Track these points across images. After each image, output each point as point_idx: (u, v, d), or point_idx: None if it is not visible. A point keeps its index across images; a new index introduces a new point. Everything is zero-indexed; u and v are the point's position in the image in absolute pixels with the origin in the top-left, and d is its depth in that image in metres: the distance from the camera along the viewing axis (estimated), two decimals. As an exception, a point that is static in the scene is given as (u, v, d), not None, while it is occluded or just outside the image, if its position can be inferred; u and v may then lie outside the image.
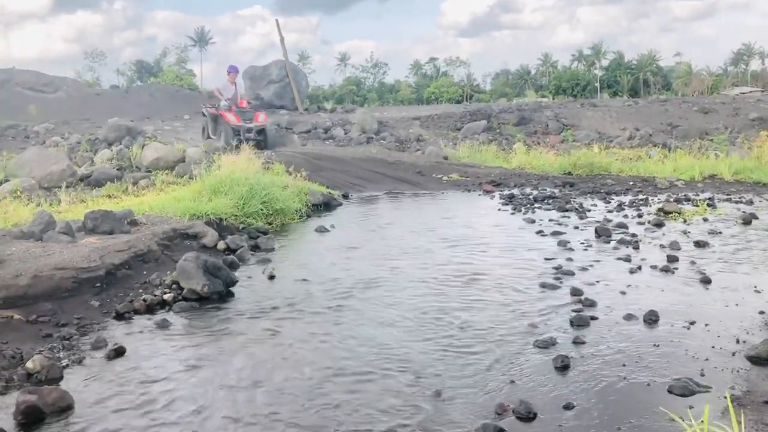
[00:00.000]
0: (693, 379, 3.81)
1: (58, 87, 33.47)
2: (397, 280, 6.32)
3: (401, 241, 8.12)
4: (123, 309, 5.48)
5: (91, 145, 15.58)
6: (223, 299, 5.87)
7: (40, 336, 4.90)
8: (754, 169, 12.88)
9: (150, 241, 6.95)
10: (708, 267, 6.35)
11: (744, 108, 26.95)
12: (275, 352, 4.53)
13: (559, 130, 22.03)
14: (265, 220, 8.92)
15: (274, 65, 33.42)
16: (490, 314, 5.19)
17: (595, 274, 6.27)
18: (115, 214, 7.37)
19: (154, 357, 4.57)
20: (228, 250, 7.49)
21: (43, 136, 18.58)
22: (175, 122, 23.00)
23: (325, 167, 13.54)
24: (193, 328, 5.21)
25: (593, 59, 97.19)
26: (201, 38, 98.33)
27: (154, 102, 32.09)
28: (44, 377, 4.20)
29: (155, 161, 13.59)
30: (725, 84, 76.64)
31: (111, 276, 6.00)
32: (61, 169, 12.33)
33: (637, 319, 4.93)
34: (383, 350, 4.51)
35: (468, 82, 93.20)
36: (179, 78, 59.56)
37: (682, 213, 9.15)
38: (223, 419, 3.59)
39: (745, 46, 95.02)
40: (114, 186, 11.61)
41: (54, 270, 5.67)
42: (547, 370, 4.07)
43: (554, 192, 11.55)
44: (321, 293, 5.92)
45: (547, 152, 15.55)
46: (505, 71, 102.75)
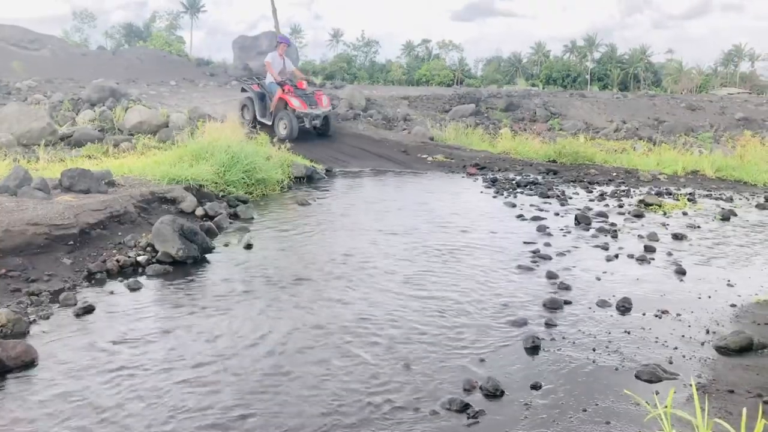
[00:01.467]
0: (661, 366, 3.84)
1: (43, 44, 32.83)
2: (374, 255, 6.29)
3: (381, 217, 8.09)
4: (95, 268, 5.41)
5: (73, 105, 15.31)
6: (197, 264, 5.81)
7: (9, 290, 4.82)
8: (736, 167, 12.96)
9: (127, 202, 6.85)
10: (684, 259, 6.39)
11: (730, 107, 27.10)
12: (245, 319, 4.50)
13: (547, 118, 22.03)
14: (245, 190, 8.84)
15: (265, 36, 33.08)
16: (463, 292, 5.18)
17: (572, 259, 6.28)
18: (93, 174, 7.25)
19: (122, 317, 4.52)
20: (206, 216, 7.42)
21: (25, 93, 18.23)
22: (161, 87, 22.68)
23: (310, 140, 13.44)
24: (165, 291, 5.16)
25: (586, 51, 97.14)
26: (192, 5, 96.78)
27: (141, 66, 31.60)
28: (10, 331, 4.14)
29: (138, 125, 13.40)
30: (714, 84, 77.18)
31: (85, 235, 5.92)
32: (41, 127, 12.11)
33: (611, 305, 4.95)
34: (354, 322, 4.49)
35: (460, 66, 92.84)
36: (168, 44, 58.60)
37: (662, 206, 9.19)
38: (185, 382, 3.55)
39: (735, 47, 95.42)
40: (94, 147, 11.44)
41: (26, 225, 5.57)
42: (517, 350, 4.08)
43: (537, 178, 11.56)
44: (297, 264, 5.88)
45: (533, 139, 15.55)
46: (497, 58, 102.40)
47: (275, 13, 32.93)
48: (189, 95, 20.59)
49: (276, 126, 13.58)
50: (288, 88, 13.59)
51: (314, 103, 13.69)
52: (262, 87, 14.42)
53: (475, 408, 3.33)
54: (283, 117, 13.46)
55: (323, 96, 14.14)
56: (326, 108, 13.92)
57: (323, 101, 13.92)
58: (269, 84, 14.14)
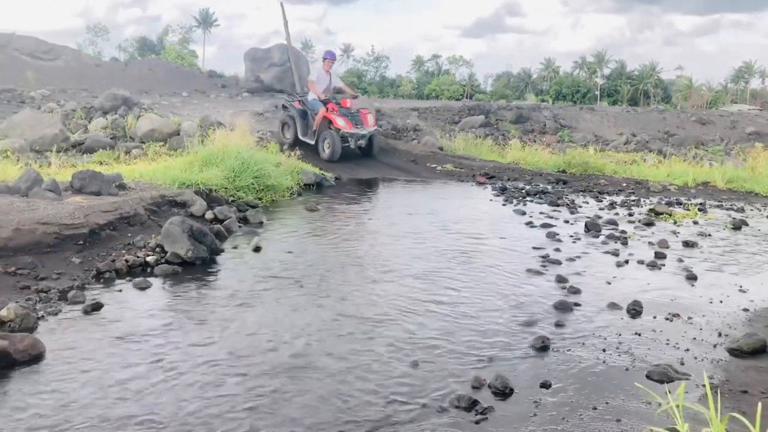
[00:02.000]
0: (672, 367, 3.79)
1: (57, 55, 33.19)
2: (383, 258, 6.27)
3: (391, 223, 8.08)
4: (104, 267, 5.42)
5: (86, 113, 15.42)
6: (206, 265, 5.81)
7: (18, 287, 4.84)
8: (748, 179, 12.87)
9: (137, 204, 6.88)
10: (695, 266, 6.33)
11: (741, 122, 27.03)
12: (253, 319, 4.48)
13: (556, 130, 22.03)
14: (255, 195, 8.84)
15: (277, 49, 33.13)
16: (472, 294, 5.16)
17: (581, 264, 6.24)
18: (104, 176, 7.28)
19: (130, 315, 4.53)
20: (216, 220, 7.43)
21: (38, 101, 18.39)
22: (173, 98, 22.84)
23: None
24: (173, 290, 5.16)
25: (595, 67, 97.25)
26: (205, 20, 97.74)
27: (154, 77, 31.86)
28: (18, 326, 4.14)
29: (149, 132, 13.47)
30: (724, 100, 76.98)
31: (95, 235, 5.94)
32: (54, 133, 12.21)
33: (621, 308, 4.91)
34: (363, 321, 4.48)
35: (469, 81, 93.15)
36: (181, 57, 59.21)
37: (672, 215, 9.13)
38: (192, 379, 3.54)
39: (745, 64, 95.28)
40: (106, 153, 11.51)
41: (36, 224, 5.60)
42: (527, 350, 4.04)
43: (547, 188, 11.52)
44: (305, 267, 5.87)
45: (543, 150, 15.52)
46: (507, 73, 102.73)
47: (287, 26, 33.04)
48: (200, 105, 20.73)
49: (319, 146, 12.75)
50: (332, 107, 12.66)
51: (360, 122, 12.73)
52: (305, 104, 13.38)
53: (484, 405, 3.29)
54: (326, 137, 12.58)
55: (368, 114, 13.16)
56: (371, 127, 12.97)
57: (368, 120, 12.93)
58: (312, 101, 13.16)
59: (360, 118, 12.77)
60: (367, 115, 13.05)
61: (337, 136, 12.46)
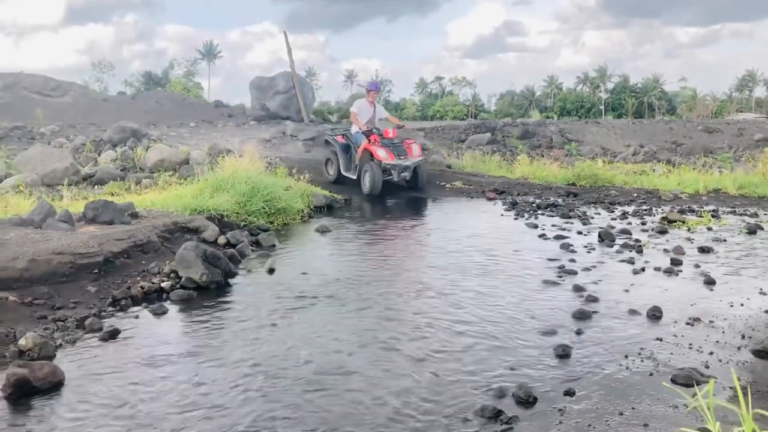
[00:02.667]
0: (697, 370, 3.74)
1: (65, 91, 33.62)
2: (400, 275, 6.26)
3: (404, 241, 8.07)
4: (120, 295, 5.43)
5: (95, 146, 15.59)
6: (221, 289, 5.81)
7: (35, 317, 4.85)
8: (759, 184, 12.78)
9: (150, 232, 6.90)
10: (712, 271, 6.27)
11: (749, 129, 26.95)
12: (271, 342, 4.45)
13: (563, 144, 22.03)
14: (266, 219, 8.87)
15: (281, 76, 33.50)
16: (490, 305, 5.12)
17: (598, 274, 6.19)
18: (116, 205, 7.33)
19: (148, 341, 4.52)
20: (228, 245, 7.43)
21: (48, 137, 18.61)
22: (181, 128, 23.04)
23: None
24: (189, 315, 5.15)
25: (598, 82, 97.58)
26: (209, 52, 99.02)
27: (161, 109, 32.19)
28: (37, 355, 4.15)
29: (159, 162, 13.59)
30: (729, 110, 76.92)
31: (109, 263, 5.95)
32: (65, 167, 12.33)
33: (640, 314, 4.86)
34: (383, 336, 4.45)
35: (473, 101, 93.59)
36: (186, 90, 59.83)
37: (686, 222, 9.07)
38: (211, 404, 3.52)
39: (749, 72, 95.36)
40: (117, 185, 11.59)
41: (52, 254, 5.63)
42: (549, 358, 4.00)
43: (557, 201, 11.49)
44: (320, 286, 5.85)
45: (551, 164, 15.51)
46: (510, 92, 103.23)
47: (290, 55, 33.46)
48: (208, 135, 20.91)
49: (361, 180, 12.10)
50: (374, 138, 12.00)
51: (403, 153, 11.94)
52: (348, 138, 12.76)
53: (508, 414, 3.25)
54: (367, 169, 11.89)
55: (413, 145, 12.33)
56: (416, 158, 12.15)
57: (413, 151, 12.12)
58: (355, 134, 12.56)
59: (403, 149, 12.02)
60: (411, 145, 12.24)
61: (377, 169, 11.72)
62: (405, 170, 12.08)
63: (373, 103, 12.92)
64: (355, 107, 13.04)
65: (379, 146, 11.85)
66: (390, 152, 11.78)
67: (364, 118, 12.62)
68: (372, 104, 12.88)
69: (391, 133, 12.18)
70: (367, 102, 12.91)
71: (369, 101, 12.90)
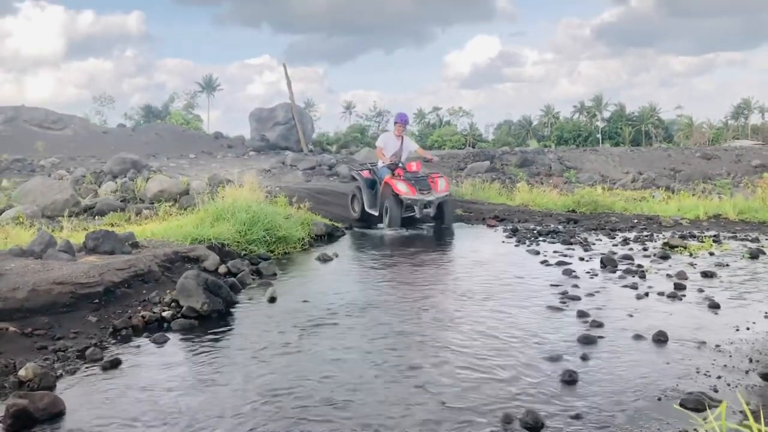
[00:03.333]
0: (706, 394, 3.69)
1: (66, 124, 33.84)
2: (402, 302, 6.21)
3: (405, 268, 8.04)
4: (121, 325, 5.38)
5: (95, 178, 15.64)
6: (222, 318, 5.76)
7: (35, 348, 4.80)
8: (759, 209, 12.80)
9: (151, 261, 6.87)
10: (716, 295, 6.23)
11: (746, 155, 27.09)
12: (273, 370, 4.40)
13: (562, 171, 22.11)
14: (267, 248, 8.85)
15: (281, 108, 33.82)
16: (495, 331, 5.08)
17: (601, 299, 6.16)
18: (117, 235, 7.32)
19: (149, 370, 4.46)
20: (229, 273, 7.41)
21: (48, 169, 18.69)
22: (181, 160, 23.16)
23: (329, 201, 13.54)
24: (191, 344, 5.10)
25: (595, 111, 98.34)
26: (209, 85, 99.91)
27: (161, 141, 32.37)
28: (37, 385, 4.10)
29: (159, 193, 13.62)
30: (726, 137, 77.44)
31: (110, 293, 5.92)
32: (65, 199, 12.34)
33: (646, 339, 4.82)
34: (386, 363, 4.40)
35: (471, 131, 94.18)
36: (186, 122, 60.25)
37: (687, 247, 9.05)
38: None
39: (744, 100, 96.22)
40: (117, 215, 11.59)
41: (52, 284, 5.59)
42: (555, 384, 3.95)
43: (558, 227, 11.49)
44: (322, 315, 5.80)
45: (551, 191, 15.56)
46: (507, 122, 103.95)
47: (290, 86, 33.82)
48: (208, 166, 21.00)
49: (377, 211, 11.82)
50: (399, 172, 11.62)
51: (426, 187, 11.42)
52: (374, 173, 12.35)
53: (516, 440, 3.20)
54: (387, 204, 11.49)
55: (439, 179, 11.76)
56: (441, 193, 11.55)
57: (438, 185, 11.57)
58: (381, 169, 12.11)
59: (427, 183, 11.49)
60: (437, 179, 11.70)
61: (396, 203, 11.29)
62: (428, 206, 11.41)
63: (401, 136, 12.38)
64: (380, 141, 12.63)
65: (400, 180, 11.37)
66: (412, 186, 11.28)
67: (390, 152, 12.15)
68: (400, 137, 12.35)
69: (414, 167, 11.76)
70: (394, 135, 12.41)
71: (396, 134, 12.38)
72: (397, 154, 12.11)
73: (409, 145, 12.55)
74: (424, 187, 11.40)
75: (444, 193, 11.65)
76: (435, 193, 11.45)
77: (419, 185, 11.37)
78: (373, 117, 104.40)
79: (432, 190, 11.45)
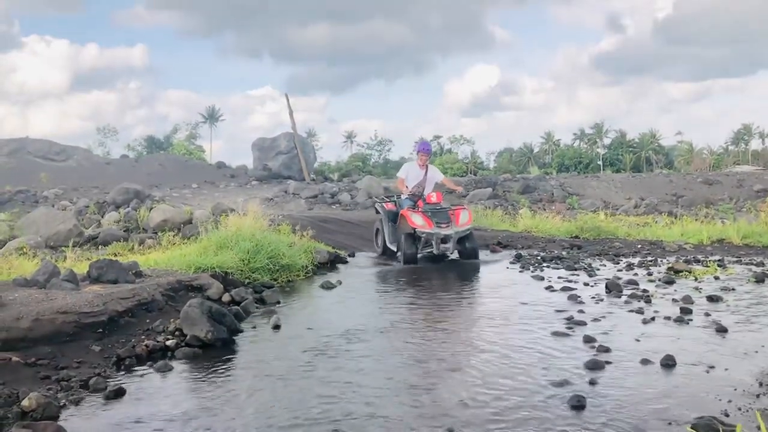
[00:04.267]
0: (717, 418, 3.64)
1: (69, 156, 34.07)
2: (406, 329, 6.19)
3: (409, 293, 8.02)
4: (124, 354, 5.35)
5: (98, 208, 15.68)
6: (226, 346, 5.73)
7: (38, 378, 4.77)
8: (763, 233, 12.80)
9: (154, 290, 6.86)
10: (723, 319, 6.19)
11: (747, 180, 27.13)
12: (278, 400, 4.36)
13: (564, 198, 22.14)
14: (270, 276, 8.84)
15: (283, 137, 34.02)
16: (502, 357, 5.04)
17: (607, 324, 6.12)
18: (121, 264, 7.32)
19: (153, 400, 4.43)
20: (233, 302, 7.39)
21: (52, 200, 18.76)
22: (184, 190, 23.25)
23: (332, 229, 13.55)
24: (195, 373, 5.07)
25: (595, 138, 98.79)
26: (211, 116, 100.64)
27: (164, 171, 32.53)
28: (40, 415, 4.06)
29: (162, 223, 13.63)
30: (726, 163, 77.66)
31: (113, 322, 5.90)
32: (68, 229, 12.37)
33: (654, 363, 4.77)
34: (393, 391, 4.36)
35: (472, 159, 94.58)
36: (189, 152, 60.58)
37: (692, 272, 9.02)
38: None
39: (744, 126, 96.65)
40: (120, 245, 11.60)
41: (56, 314, 5.57)
42: (563, 409, 3.91)
43: (562, 253, 11.47)
44: (327, 342, 5.76)
45: (553, 217, 15.57)
46: (508, 149, 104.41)
47: (292, 116, 34.09)
48: (211, 195, 21.08)
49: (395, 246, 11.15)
50: (420, 203, 10.98)
51: (445, 220, 10.53)
52: (399, 206, 11.56)
53: (526, 467, 3.16)
54: (402, 239, 10.72)
55: (462, 212, 10.86)
56: (462, 226, 10.58)
57: (459, 218, 10.64)
58: (403, 200, 11.40)
59: (446, 216, 10.61)
60: (458, 212, 10.79)
61: (410, 238, 10.53)
62: (446, 240, 10.48)
63: (426, 166, 11.53)
64: (402, 171, 11.78)
65: (416, 212, 10.58)
66: (427, 219, 10.42)
67: (412, 182, 11.36)
68: (424, 167, 11.49)
69: (434, 198, 10.89)
70: (418, 165, 11.56)
71: (419, 164, 11.53)
72: (420, 184, 11.31)
73: (434, 175, 11.69)
74: (443, 220, 10.52)
75: (465, 227, 10.65)
76: (455, 226, 10.52)
77: (437, 218, 10.52)
78: (374, 146, 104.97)
79: (451, 224, 10.54)
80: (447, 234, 10.40)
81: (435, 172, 11.76)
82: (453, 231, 10.45)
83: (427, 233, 10.37)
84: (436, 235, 10.38)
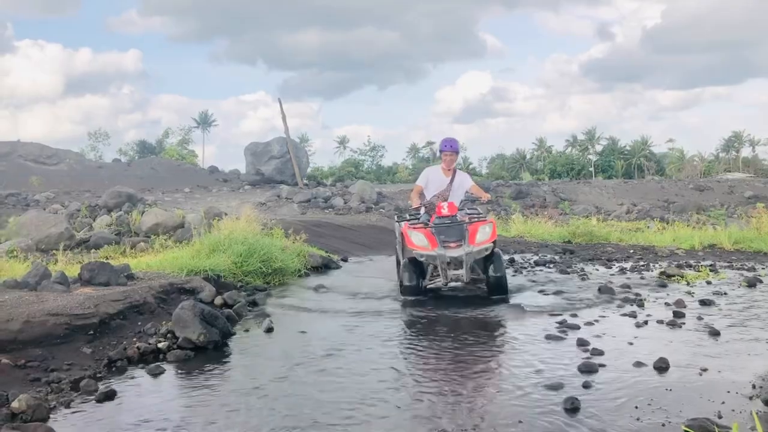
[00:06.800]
0: (711, 420, 3.64)
1: (61, 159, 33.91)
2: (399, 334, 6.17)
3: (401, 299, 7.98)
4: (116, 356, 5.32)
5: (90, 212, 15.60)
6: (219, 349, 5.70)
7: (28, 379, 4.74)
8: (754, 239, 12.85)
9: (146, 293, 6.82)
10: (716, 322, 6.20)
11: (738, 187, 27.29)
12: (274, 402, 4.33)
13: (557, 203, 22.20)
14: (263, 279, 8.81)
15: (276, 141, 33.93)
16: (496, 360, 5.05)
17: (600, 327, 6.12)
18: (112, 267, 7.28)
19: (144, 402, 4.40)
20: (225, 305, 7.35)
21: (43, 204, 18.64)
22: (176, 194, 23.17)
23: (325, 234, 13.53)
24: (187, 376, 5.04)
25: (587, 144, 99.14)
26: (204, 120, 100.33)
27: (156, 175, 32.42)
28: (30, 417, 4.02)
29: (154, 227, 13.57)
30: (717, 170, 78.09)
31: (105, 324, 5.86)
32: (59, 232, 12.29)
33: (647, 366, 4.77)
34: (386, 396, 4.34)
35: (464, 164, 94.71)
36: (181, 157, 60.41)
37: (684, 276, 9.05)
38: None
39: (735, 133, 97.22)
40: (111, 248, 11.53)
41: (47, 316, 5.53)
42: (557, 412, 3.90)
43: (555, 258, 11.49)
44: (320, 345, 5.74)
45: (546, 222, 15.60)
46: (500, 155, 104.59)
47: (285, 121, 34.02)
48: (203, 200, 21.01)
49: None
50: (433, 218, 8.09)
51: (456, 238, 7.74)
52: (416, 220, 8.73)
53: (520, 468, 3.14)
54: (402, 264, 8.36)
55: (483, 227, 7.88)
56: (478, 245, 7.69)
57: (477, 236, 7.74)
58: (423, 215, 8.49)
59: (459, 232, 7.78)
60: (479, 227, 7.83)
61: (411, 263, 7.97)
62: (455, 264, 7.70)
63: (453, 170, 8.55)
64: (421, 178, 8.60)
65: (418, 229, 7.92)
66: (431, 236, 7.74)
67: (433, 192, 8.44)
68: (450, 171, 8.51)
69: (446, 209, 7.89)
70: (441, 170, 8.55)
71: (444, 167, 8.50)
72: (442, 195, 8.34)
73: (463, 182, 8.62)
74: (452, 238, 7.74)
75: (482, 246, 7.70)
76: (468, 246, 7.66)
77: (444, 235, 7.76)
78: (367, 151, 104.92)
79: (464, 242, 7.70)
80: (455, 256, 7.65)
81: (464, 177, 8.73)
82: (463, 252, 7.64)
83: (427, 256, 7.71)
84: (440, 258, 7.65)
